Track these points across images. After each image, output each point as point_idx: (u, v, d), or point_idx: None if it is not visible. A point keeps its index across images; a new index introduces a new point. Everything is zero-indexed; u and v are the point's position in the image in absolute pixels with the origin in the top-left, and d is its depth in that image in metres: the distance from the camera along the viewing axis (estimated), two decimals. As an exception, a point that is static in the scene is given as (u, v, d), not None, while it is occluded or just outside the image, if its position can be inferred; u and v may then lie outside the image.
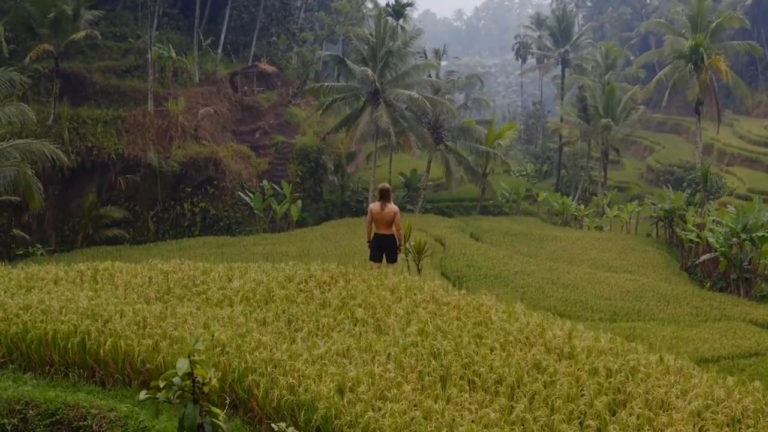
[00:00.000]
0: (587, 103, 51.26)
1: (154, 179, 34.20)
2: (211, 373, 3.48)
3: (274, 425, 3.83)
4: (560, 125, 55.48)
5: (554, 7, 78.53)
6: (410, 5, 54.20)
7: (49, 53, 33.57)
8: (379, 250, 11.29)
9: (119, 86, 37.40)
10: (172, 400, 3.42)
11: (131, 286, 9.42)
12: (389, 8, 51.97)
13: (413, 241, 16.13)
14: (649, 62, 65.58)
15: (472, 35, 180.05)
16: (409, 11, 54.48)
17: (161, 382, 3.43)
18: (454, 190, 44.61)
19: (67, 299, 8.38)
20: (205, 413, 3.44)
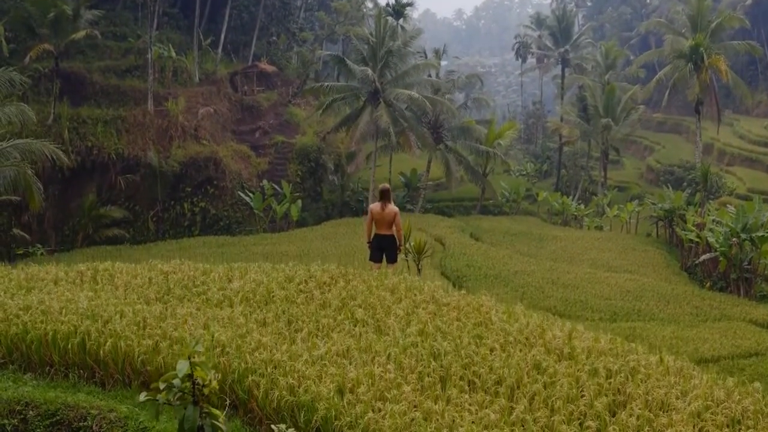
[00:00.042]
0: (587, 102, 51.26)
1: (154, 179, 34.20)
2: (211, 375, 3.49)
3: (274, 427, 3.84)
4: (560, 125, 55.47)
5: (554, 6, 78.48)
6: (410, 5, 54.16)
7: (49, 53, 33.59)
8: (379, 250, 11.29)
9: (119, 86, 37.42)
10: (172, 401, 3.43)
11: (131, 286, 9.41)
12: (389, 8, 51.93)
13: (413, 241, 16.13)
14: (649, 62, 65.57)
15: (472, 35, 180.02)
16: (409, 11, 54.45)
17: (161, 383, 3.44)
18: (454, 189, 44.62)
19: (67, 300, 8.37)
20: (205, 415, 3.45)
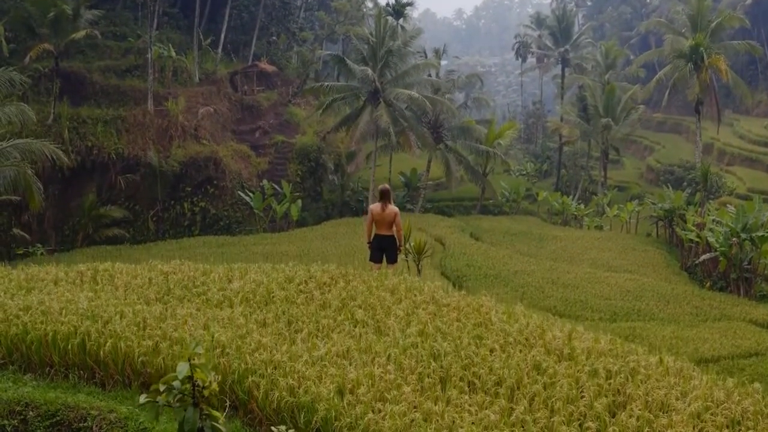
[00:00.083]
0: (587, 102, 51.26)
1: (154, 179, 34.21)
2: (211, 376, 3.49)
3: (274, 428, 3.84)
4: (560, 125, 55.46)
5: (554, 6, 78.46)
6: (410, 5, 54.16)
7: (49, 53, 33.59)
8: (379, 250, 11.29)
9: (119, 86, 37.41)
10: (172, 403, 3.43)
11: (131, 287, 9.41)
12: (389, 8, 51.93)
13: (413, 241, 16.13)
14: (649, 62, 65.58)
15: (472, 34, 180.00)
16: (409, 10, 54.43)
17: (161, 385, 3.44)
18: (454, 189, 44.63)
19: (67, 300, 8.37)
20: (205, 416, 3.45)
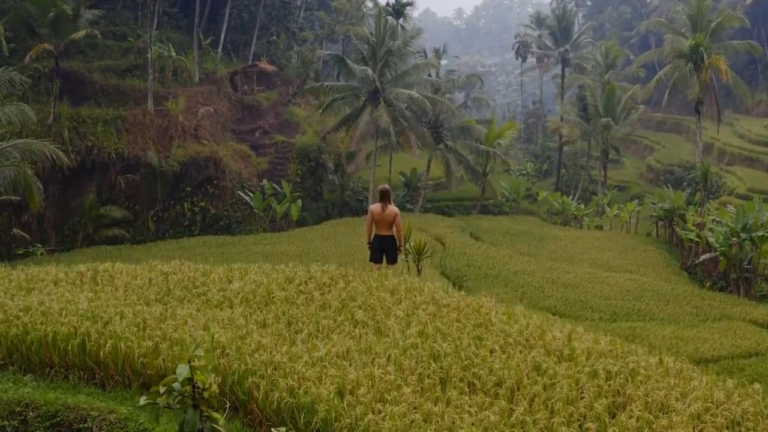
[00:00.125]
0: (587, 102, 51.26)
1: (154, 179, 34.20)
2: (211, 378, 3.49)
3: (274, 430, 3.84)
4: (560, 124, 55.46)
5: (554, 6, 78.44)
6: (410, 4, 54.14)
7: (49, 53, 33.58)
8: (379, 251, 11.29)
9: (119, 85, 37.40)
10: (172, 405, 3.43)
11: (131, 287, 9.41)
12: (389, 7, 51.92)
13: (413, 241, 16.12)
14: (649, 61, 65.57)
15: (472, 34, 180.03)
16: (409, 10, 54.42)
17: (161, 387, 3.44)
18: (454, 189, 44.63)
19: (67, 301, 8.37)
20: (205, 418, 3.45)
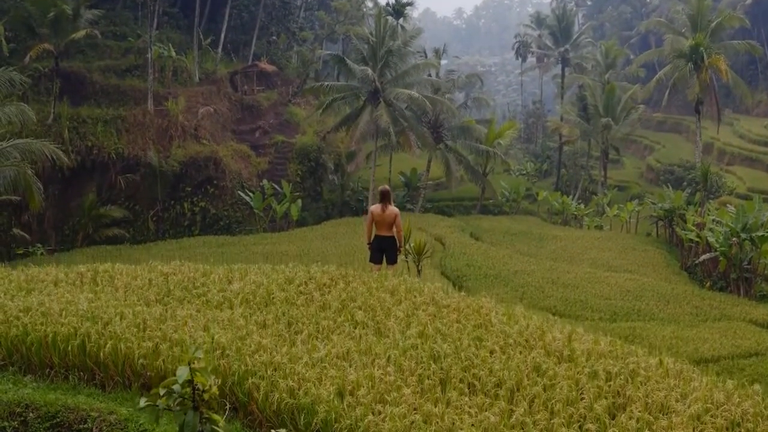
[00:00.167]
0: (587, 102, 51.26)
1: (154, 179, 34.21)
2: (211, 380, 3.49)
3: (274, 431, 3.84)
4: (560, 124, 55.46)
5: (554, 6, 78.44)
6: (410, 4, 54.14)
7: (49, 53, 33.58)
8: (379, 251, 11.29)
9: (119, 85, 37.41)
10: (172, 407, 3.43)
11: (131, 288, 9.41)
12: (389, 7, 51.92)
13: (413, 242, 16.13)
14: (649, 61, 65.57)
15: (472, 34, 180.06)
16: (409, 10, 54.42)
17: (161, 389, 3.44)
18: (454, 189, 44.63)
19: (67, 301, 8.37)
20: (205, 420, 3.45)
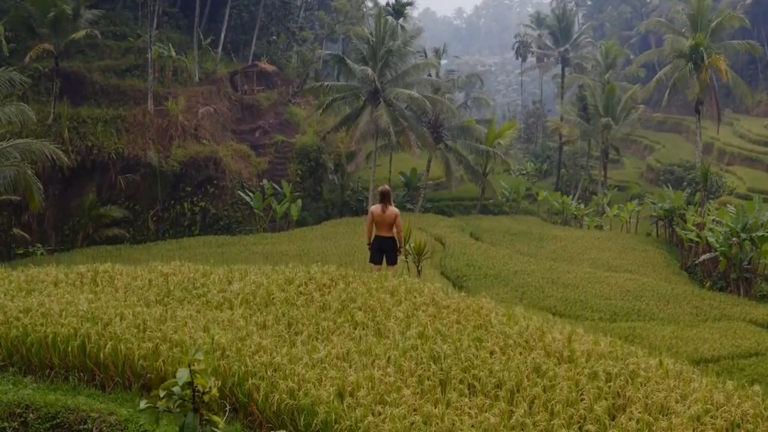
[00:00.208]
0: (587, 102, 51.25)
1: (154, 178, 34.20)
2: (211, 382, 3.50)
3: (273, 432, 3.84)
4: (560, 124, 55.45)
5: (554, 5, 78.45)
6: (410, 4, 54.16)
7: (49, 52, 33.57)
8: (379, 252, 11.29)
9: (119, 85, 37.41)
10: (172, 409, 3.43)
11: (131, 288, 9.41)
12: (389, 7, 51.94)
13: (413, 242, 16.12)
14: (649, 61, 65.55)
15: (472, 34, 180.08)
16: (409, 10, 54.45)
17: (161, 391, 3.44)
18: (454, 189, 44.62)
19: (67, 302, 8.37)
20: (205, 422, 3.46)
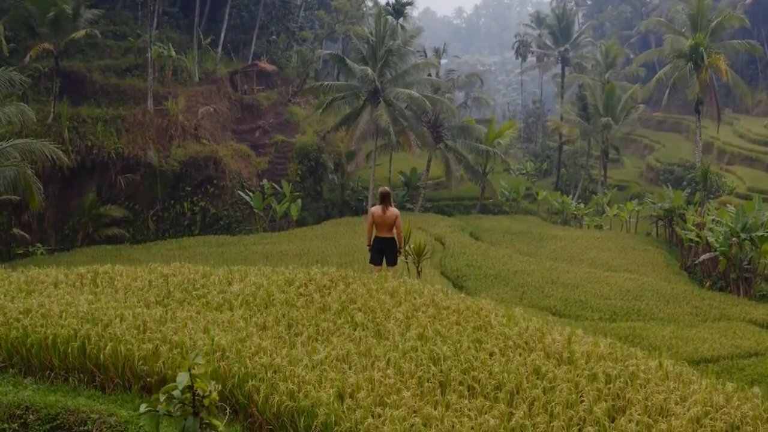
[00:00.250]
0: (587, 101, 51.25)
1: (154, 178, 34.20)
2: (211, 386, 3.50)
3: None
4: (560, 124, 55.44)
5: (554, 5, 78.44)
6: (410, 4, 54.16)
7: (49, 52, 33.56)
8: (379, 253, 11.30)
9: (119, 85, 37.39)
10: (172, 412, 3.44)
11: (131, 289, 9.41)
12: (389, 7, 51.94)
13: (413, 243, 16.12)
14: (649, 61, 65.53)
15: (472, 33, 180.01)
16: (409, 10, 54.45)
17: (162, 395, 3.45)
18: (454, 188, 44.62)
19: (67, 303, 8.36)
20: (205, 425, 3.46)
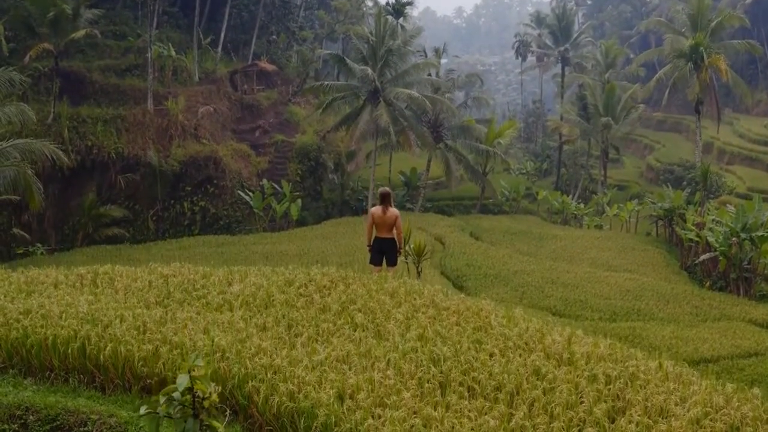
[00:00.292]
0: (587, 101, 51.27)
1: (153, 178, 34.19)
2: (211, 387, 3.50)
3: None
4: (560, 123, 55.45)
5: (554, 5, 78.42)
6: (410, 4, 54.16)
7: (48, 52, 33.55)
8: (379, 253, 11.30)
9: (119, 85, 37.38)
10: (172, 414, 3.44)
11: (131, 290, 9.41)
12: (389, 7, 51.94)
13: (413, 243, 16.12)
14: (649, 61, 65.52)
15: (472, 33, 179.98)
16: (409, 9, 54.45)
17: (161, 396, 3.45)
18: (454, 188, 44.64)
19: (67, 304, 8.36)
20: (205, 427, 3.46)
